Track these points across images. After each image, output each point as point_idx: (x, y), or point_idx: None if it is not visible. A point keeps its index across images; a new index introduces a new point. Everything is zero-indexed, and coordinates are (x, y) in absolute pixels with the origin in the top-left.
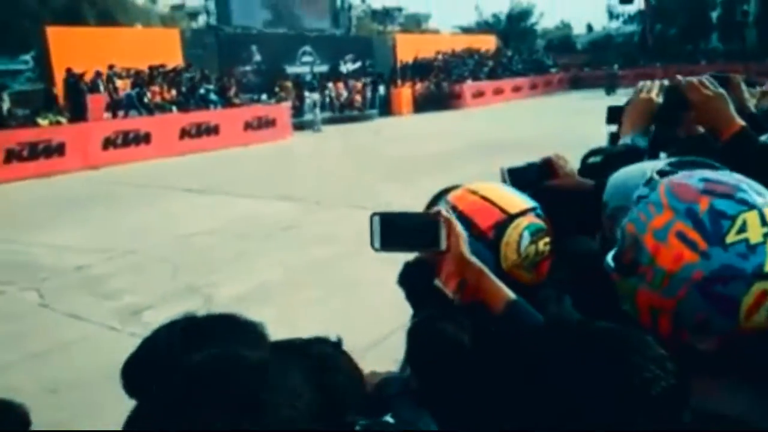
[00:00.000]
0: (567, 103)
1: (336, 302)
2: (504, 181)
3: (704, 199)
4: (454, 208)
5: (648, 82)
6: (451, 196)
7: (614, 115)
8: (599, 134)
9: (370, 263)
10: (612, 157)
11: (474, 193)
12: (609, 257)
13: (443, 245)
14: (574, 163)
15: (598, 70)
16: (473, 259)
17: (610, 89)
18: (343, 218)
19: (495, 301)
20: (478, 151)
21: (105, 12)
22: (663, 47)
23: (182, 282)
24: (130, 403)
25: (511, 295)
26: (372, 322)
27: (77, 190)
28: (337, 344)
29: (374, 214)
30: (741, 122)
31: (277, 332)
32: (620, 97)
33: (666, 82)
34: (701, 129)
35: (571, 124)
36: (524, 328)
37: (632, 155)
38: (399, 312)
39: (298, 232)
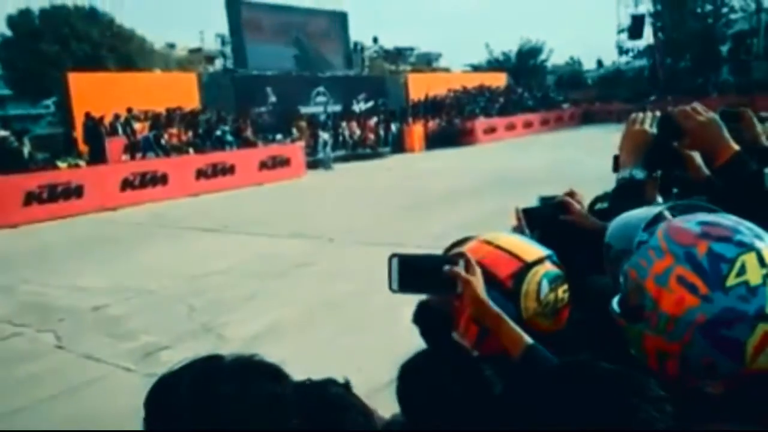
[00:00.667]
0: (579, 137)
1: (349, 341)
2: (519, 220)
3: (702, 243)
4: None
5: (640, 114)
6: (465, 248)
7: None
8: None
9: (383, 300)
10: (613, 192)
11: (489, 243)
12: (614, 302)
13: (461, 288)
14: (589, 200)
15: (609, 104)
16: (492, 304)
17: None
18: (356, 255)
19: (513, 346)
20: (492, 188)
21: (125, 58)
22: (673, 81)
23: (198, 322)
24: None
25: (528, 339)
26: (386, 361)
27: (95, 231)
28: (347, 386)
29: (393, 255)
30: (735, 147)
31: (290, 371)
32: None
33: (658, 113)
34: (706, 171)
35: (584, 159)
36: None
37: (632, 188)
38: (413, 350)
39: (312, 269)
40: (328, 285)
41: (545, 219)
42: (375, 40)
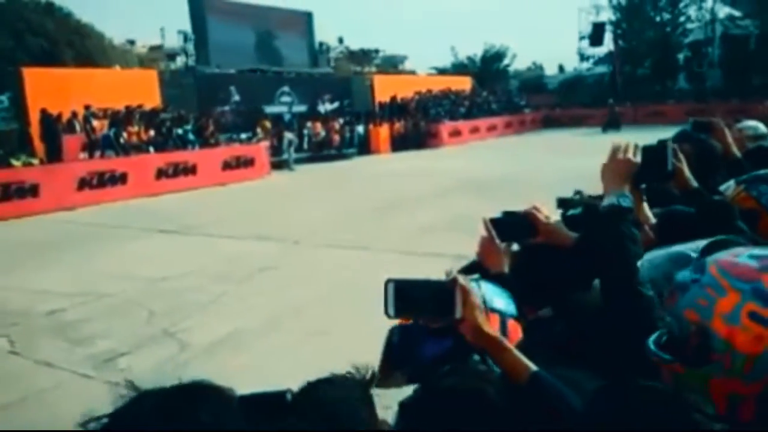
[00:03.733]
0: (541, 141)
1: (312, 348)
2: (487, 230)
3: (766, 276)
4: None
5: (622, 143)
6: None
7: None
8: (573, 169)
9: (347, 306)
10: (598, 215)
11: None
12: (657, 347)
13: (458, 313)
14: (552, 203)
15: (569, 110)
16: (491, 331)
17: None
18: (321, 258)
19: (516, 372)
20: (458, 190)
21: (83, 54)
22: (632, 87)
23: (158, 327)
24: None
25: (532, 366)
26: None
27: (51, 231)
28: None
29: (389, 280)
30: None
31: (250, 380)
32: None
33: (639, 143)
34: (695, 183)
35: (547, 162)
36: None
37: (619, 215)
38: (375, 358)
39: (276, 273)
40: (293, 289)
41: (513, 231)
42: (340, 40)
